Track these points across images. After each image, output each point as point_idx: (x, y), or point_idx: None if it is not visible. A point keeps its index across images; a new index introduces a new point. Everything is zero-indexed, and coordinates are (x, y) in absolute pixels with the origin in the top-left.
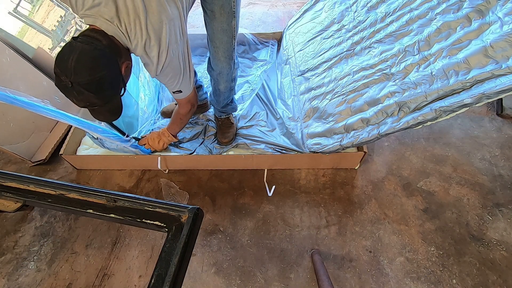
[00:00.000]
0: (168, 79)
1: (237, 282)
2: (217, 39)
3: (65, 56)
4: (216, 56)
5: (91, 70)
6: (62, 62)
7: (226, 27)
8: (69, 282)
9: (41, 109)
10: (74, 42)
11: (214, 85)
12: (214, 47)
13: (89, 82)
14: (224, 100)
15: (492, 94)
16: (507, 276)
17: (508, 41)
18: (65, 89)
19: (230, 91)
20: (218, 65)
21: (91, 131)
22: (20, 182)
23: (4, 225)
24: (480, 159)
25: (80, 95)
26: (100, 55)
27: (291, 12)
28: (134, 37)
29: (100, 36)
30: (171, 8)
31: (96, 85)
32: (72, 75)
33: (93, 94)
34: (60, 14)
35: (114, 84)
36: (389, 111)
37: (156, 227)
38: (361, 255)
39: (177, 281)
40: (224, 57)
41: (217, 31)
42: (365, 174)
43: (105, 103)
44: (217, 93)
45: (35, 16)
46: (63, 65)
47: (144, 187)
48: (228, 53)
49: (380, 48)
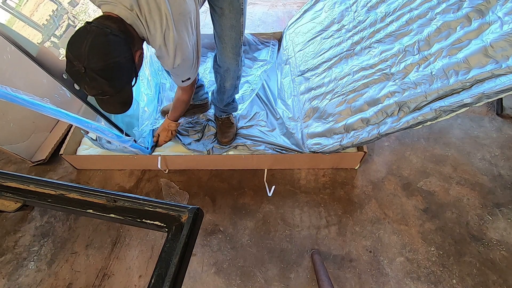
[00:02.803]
0: (183, 71)
1: (237, 282)
2: (226, 36)
3: (79, 41)
4: (225, 52)
5: (105, 56)
6: (75, 46)
7: (235, 24)
8: (69, 282)
9: (41, 108)
10: (88, 26)
11: (220, 82)
12: (222, 43)
13: (103, 68)
14: (228, 99)
15: (492, 94)
16: (507, 276)
17: (508, 40)
18: (77, 75)
19: (234, 89)
20: (226, 62)
21: (91, 130)
22: (20, 182)
23: (4, 225)
24: (480, 159)
25: (92, 81)
26: (115, 41)
27: (291, 12)
28: (153, 27)
29: (114, 22)
30: (189, 0)
31: (110, 71)
32: (85, 60)
33: (106, 81)
34: (52, 8)
35: (127, 72)
36: (389, 111)
37: (156, 227)
38: (361, 255)
39: (177, 281)
40: (233, 53)
41: (226, 28)
42: (365, 174)
43: (117, 92)
44: (222, 91)
45: (22, 8)
46: (76, 50)
47: (144, 187)
48: (236, 49)
49: (380, 48)
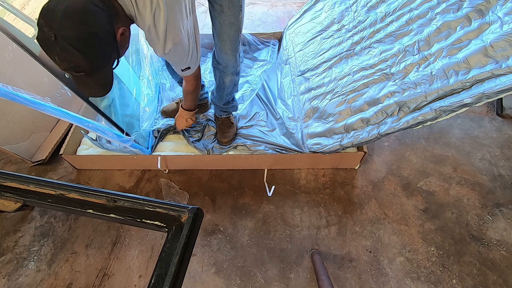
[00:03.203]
0: (177, 59)
1: (237, 282)
2: (224, 33)
3: (52, 5)
4: (223, 49)
5: (80, 24)
6: (47, 11)
7: (234, 21)
8: (69, 282)
9: (42, 107)
10: None
11: (219, 79)
12: (221, 40)
13: (77, 38)
14: (227, 96)
15: (492, 94)
16: (507, 276)
17: (508, 40)
18: (47, 43)
19: (234, 86)
20: (224, 58)
21: (91, 130)
22: (20, 182)
23: (4, 225)
24: (480, 159)
25: (63, 51)
26: (94, 10)
27: (291, 12)
28: (142, 4)
29: None
30: None
31: (84, 42)
32: (57, 26)
33: (79, 53)
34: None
35: (106, 47)
36: (389, 111)
37: (156, 227)
38: (361, 255)
39: (177, 281)
40: (231, 50)
41: (225, 25)
42: (365, 174)
43: (94, 70)
44: (222, 88)
45: (13, 1)
46: (48, 15)
47: (144, 187)
48: (234, 45)
49: (380, 48)
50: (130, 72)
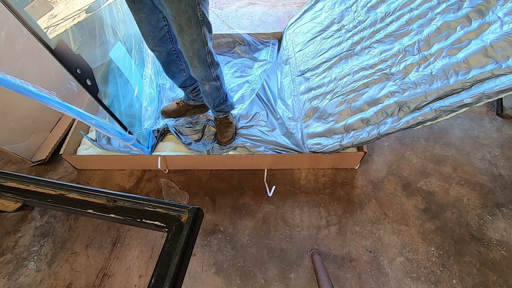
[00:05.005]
0: None
1: (237, 282)
2: (189, 50)
3: None
4: (192, 64)
5: None
6: None
7: (196, 37)
8: (69, 282)
9: (46, 100)
10: None
11: (201, 89)
12: (188, 57)
13: None
14: (215, 100)
15: (492, 94)
16: (507, 276)
17: (508, 40)
18: None
19: (217, 90)
20: (196, 72)
21: (94, 126)
22: (20, 182)
23: (4, 225)
24: (480, 159)
25: None
26: None
27: (291, 12)
28: None
29: None
30: None
31: None
32: None
33: None
34: None
35: None
36: (389, 111)
37: (156, 227)
38: (361, 255)
39: (177, 281)
40: (199, 63)
41: (187, 43)
42: (365, 174)
43: None
44: (206, 94)
45: None
46: None
47: (144, 187)
48: (202, 58)
49: (380, 48)
50: (133, 69)
